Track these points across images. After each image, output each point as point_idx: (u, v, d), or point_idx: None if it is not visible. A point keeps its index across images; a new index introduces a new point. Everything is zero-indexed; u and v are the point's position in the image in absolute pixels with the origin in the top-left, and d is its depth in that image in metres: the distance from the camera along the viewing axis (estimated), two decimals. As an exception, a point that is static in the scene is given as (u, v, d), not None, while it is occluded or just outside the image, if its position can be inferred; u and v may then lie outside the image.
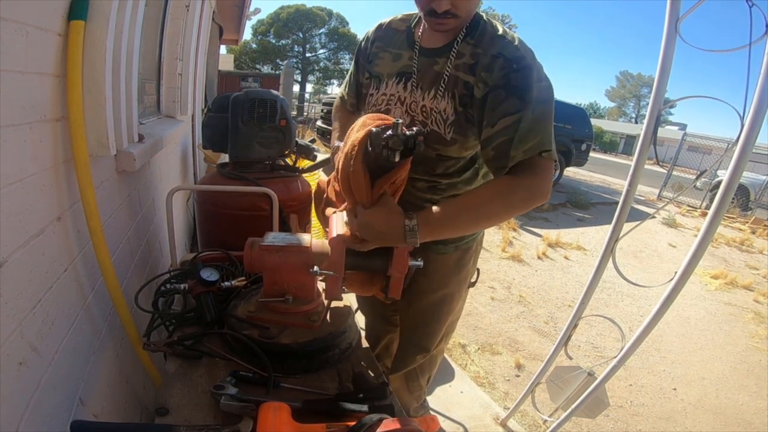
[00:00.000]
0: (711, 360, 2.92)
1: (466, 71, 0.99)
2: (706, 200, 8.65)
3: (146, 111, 2.16)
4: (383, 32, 1.20)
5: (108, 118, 1.04)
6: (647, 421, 2.20)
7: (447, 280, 1.32)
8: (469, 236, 1.27)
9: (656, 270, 4.62)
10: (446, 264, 1.29)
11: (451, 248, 1.27)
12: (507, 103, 0.92)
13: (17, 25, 0.70)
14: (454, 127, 1.03)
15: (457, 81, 1.00)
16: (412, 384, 1.58)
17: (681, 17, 1.19)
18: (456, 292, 1.37)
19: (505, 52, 0.94)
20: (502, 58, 0.94)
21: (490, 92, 0.94)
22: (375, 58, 1.20)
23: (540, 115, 0.92)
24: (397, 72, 1.12)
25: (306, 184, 1.90)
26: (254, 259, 1.00)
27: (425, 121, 1.07)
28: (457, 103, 1.01)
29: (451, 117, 1.02)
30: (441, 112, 1.03)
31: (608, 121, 44.98)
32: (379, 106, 1.17)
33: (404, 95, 1.10)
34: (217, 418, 0.81)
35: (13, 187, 0.71)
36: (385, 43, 1.18)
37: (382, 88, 1.16)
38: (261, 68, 31.34)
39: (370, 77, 1.21)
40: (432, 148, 1.08)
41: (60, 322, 0.87)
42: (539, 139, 0.91)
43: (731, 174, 1.09)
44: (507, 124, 0.92)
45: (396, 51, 1.14)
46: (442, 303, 1.36)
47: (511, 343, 2.77)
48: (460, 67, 1.00)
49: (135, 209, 1.50)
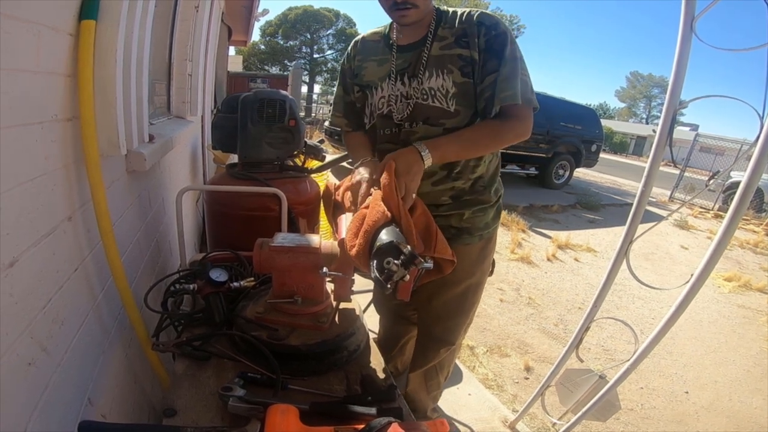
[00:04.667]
0: (724, 363, 2.87)
1: (456, 46, 1.13)
2: (718, 202, 8.53)
3: (157, 111, 2.17)
4: (361, 46, 1.31)
5: (119, 118, 1.04)
6: (658, 424, 2.17)
7: (473, 270, 1.36)
8: (491, 225, 1.34)
9: (668, 272, 4.56)
10: (471, 255, 1.33)
11: (476, 238, 1.31)
12: (490, 63, 1.11)
13: (29, 24, 0.70)
14: (456, 99, 1.15)
15: (451, 58, 1.14)
16: (431, 381, 1.58)
17: (697, 16, 1.17)
18: (480, 281, 1.41)
19: (485, 20, 1.12)
20: (483, 27, 1.11)
21: (480, 55, 1.11)
22: (360, 70, 1.29)
23: (510, 71, 1.10)
24: (387, 73, 1.22)
25: (315, 185, 1.90)
26: (263, 260, 1.00)
27: (425, 102, 1.17)
28: (458, 75, 1.13)
29: (452, 89, 1.14)
30: (439, 88, 1.15)
31: (618, 122, 44.61)
32: (382, 109, 1.25)
33: (403, 90, 1.20)
34: (224, 419, 0.80)
35: (25, 187, 0.71)
36: (366, 55, 1.28)
37: (378, 92, 1.25)
38: (269, 69, 31.49)
39: (361, 89, 1.30)
40: (438, 124, 1.18)
41: (70, 322, 0.87)
42: (512, 93, 1.10)
43: (750, 175, 1.06)
44: (490, 81, 1.11)
45: (379, 57, 1.25)
46: (467, 294, 1.39)
47: (520, 346, 2.74)
48: (446, 47, 1.14)
49: (145, 209, 1.50)
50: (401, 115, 1.21)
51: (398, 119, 1.22)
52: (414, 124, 1.20)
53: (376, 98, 1.25)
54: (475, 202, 1.28)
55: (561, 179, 8.66)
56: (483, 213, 1.30)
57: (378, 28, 1.31)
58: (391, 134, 1.26)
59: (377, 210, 0.90)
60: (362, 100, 1.31)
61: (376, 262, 0.80)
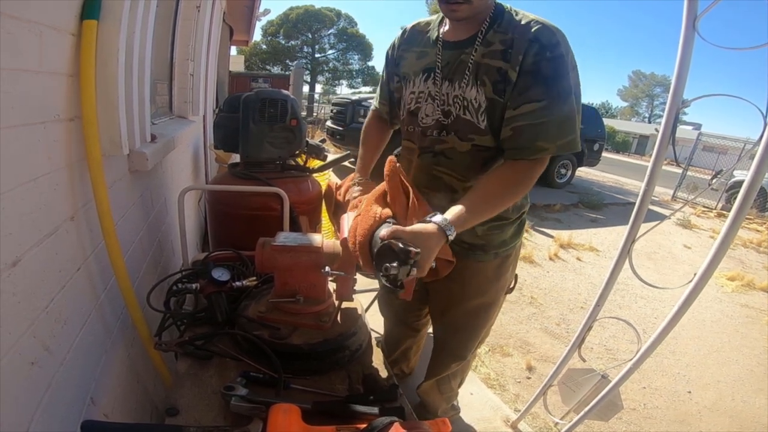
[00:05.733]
0: (727, 362, 2.86)
1: (497, 57, 0.98)
2: (721, 201, 8.50)
3: (159, 111, 2.18)
4: (408, 35, 1.22)
5: (121, 118, 1.04)
6: (661, 424, 2.16)
7: (485, 288, 1.29)
8: (509, 243, 1.25)
9: (671, 271, 4.55)
10: (484, 272, 1.26)
11: (491, 255, 1.23)
12: (534, 90, 0.94)
13: (31, 24, 0.70)
14: (486, 115, 1.03)
15: (488, 68, 1.00)
16: (444, 386, 1.58)
17: (699, 15, 1.16)
18: (495, 300, 1.34)
19: (542, 37, 0.94)
20: (538, 44, 0.93)
21: (521, 76, 0.95)
22: (401, 60, 1.22)
23: (568, 109, 0.95)
24: (423, 69, 1.13)
25: (316, 184, 1.90)
26: (265, 259, 1.00)
27: (458, 113, 1.07)
28: (489, 90, 1.00)
29: (483, 104, 1.02)
30: (472, 100, 1.04)
31: (620, 121, 44.46)
32: (409, 105, 1.18)
33: (434, 90, 1.10)
34: (227, 419, 0.80)
35: (27, 186, 0.71)
36: (410, 44, 1.20)
37: (410, 86, 1.17)
38: (271, 69, 31.49)
39: (400, 80, 1.22)
40: (467, 138, 1.08)
41: (72, 321, 0.87)
42: (572, 139, 0.96)
43: (753, 174, 1.06)
44: (529, 110, 0.95)
45: (420, 49, 1.15)
46: (479, 311, 1.33)
47: (522, 345, 2.74)
48: (489, 54, 1.00)
49: (147, 209, 1.50)
50: (429, 118, 1.13)
51: (424, 122, 1.15)
52: (444, 132, 1.12)
53: (407, 93, 1.19)
54: (491, 218, 1.16)
55: (563, 178, 8.63)
56: (500, 230, 1.21)
57: (432, 17, 1.19)
58: (414, 133, 1.20)
59: (369, 215, 0.90)
60: (400, 91, 1.24)
61: (377, 265, 0.80)
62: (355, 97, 6.83)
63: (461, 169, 1.13)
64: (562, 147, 0.96)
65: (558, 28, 0.96)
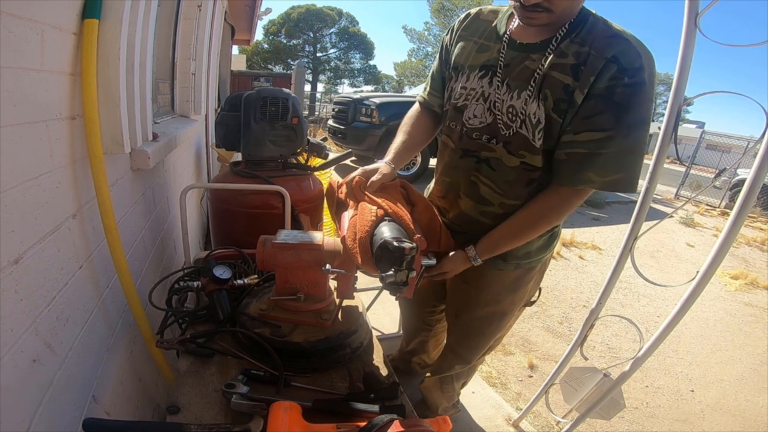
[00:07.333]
0: (730, 361, 2.85)
1: (567, 72, 0.88)
2: (725, 199, 8.46)
3: (161, 110, 2.18)
4: (470, 22, 1.10)
5: (122, 116, 1.05)
6: (663, 423, 2.15)
7: (500, 298, 1.24)
8: (534, 256, 1.18)
9: (674, 270, 4.53)
10: (502, 281, 1.21)
11: (512, 266, 1.17)
12: (601, 117, 0.85)
13: (33, 23, 0.70)
14: (543, 134, 0.93)
15: (554, 83, 0.89)
16: (446, 386, 1.58)
17: (701, 12, 1.16)
18: (509, 311, 1.29)
19: (622, 58, 0.83)
20: (616, 66, 0.83)
21: (588, 99, 0.86)
22: (456, 47, 1.09)
23: (632, 145, 0.86)
24: (481, 64, 1.02)
25: (318, 183, 1.90)
26: (267, 257, 1.00)
27: (510, 123, 0.97)
28: (550, 106, 0.90)
29: (543, 121, 0.92)
30: (530, 115, 0.93)
31: (623, 119, 44.19)
32: (456, 100, 1.08)
33: (488, 91, 1.00)
34: (228, 416, 0.81)
35: (29, 184, 0.71)
36: (471, 33, 1.08)
37: (462, 80, 1.06)
38: (272, 68, 31.48)
39: (451, 69, 1.12)
40: (517, 154, 0.98)
41: (74, 319, 0.88)
42: (623, 176, 0.88)
43: (756, 172, 1.05)
44: (591, 138, 0.87)
45: (482, 42, 1.04)
46: (491, 319, 1.30)
47: (524, 344, 2.73)
48: (559, 67, 0.89)
49: (149, 207, 1.51)
50: (477, 120, 1.04)
51: (470, 123, 1.06)
52: (494, 141, 1.02)
53: (458, 86, 1.07)
54: None
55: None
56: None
57: (501, 7, 1.07)
58: (455, 131, 1.11)
59: (366, 213, 0.90)
60: (450, 80, 1.13)
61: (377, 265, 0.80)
62: (356, 96, 6.82)
63: (503, 183, 1.05)
64: (610, 184, 0.88)
65: (646, 49, 0.85)
